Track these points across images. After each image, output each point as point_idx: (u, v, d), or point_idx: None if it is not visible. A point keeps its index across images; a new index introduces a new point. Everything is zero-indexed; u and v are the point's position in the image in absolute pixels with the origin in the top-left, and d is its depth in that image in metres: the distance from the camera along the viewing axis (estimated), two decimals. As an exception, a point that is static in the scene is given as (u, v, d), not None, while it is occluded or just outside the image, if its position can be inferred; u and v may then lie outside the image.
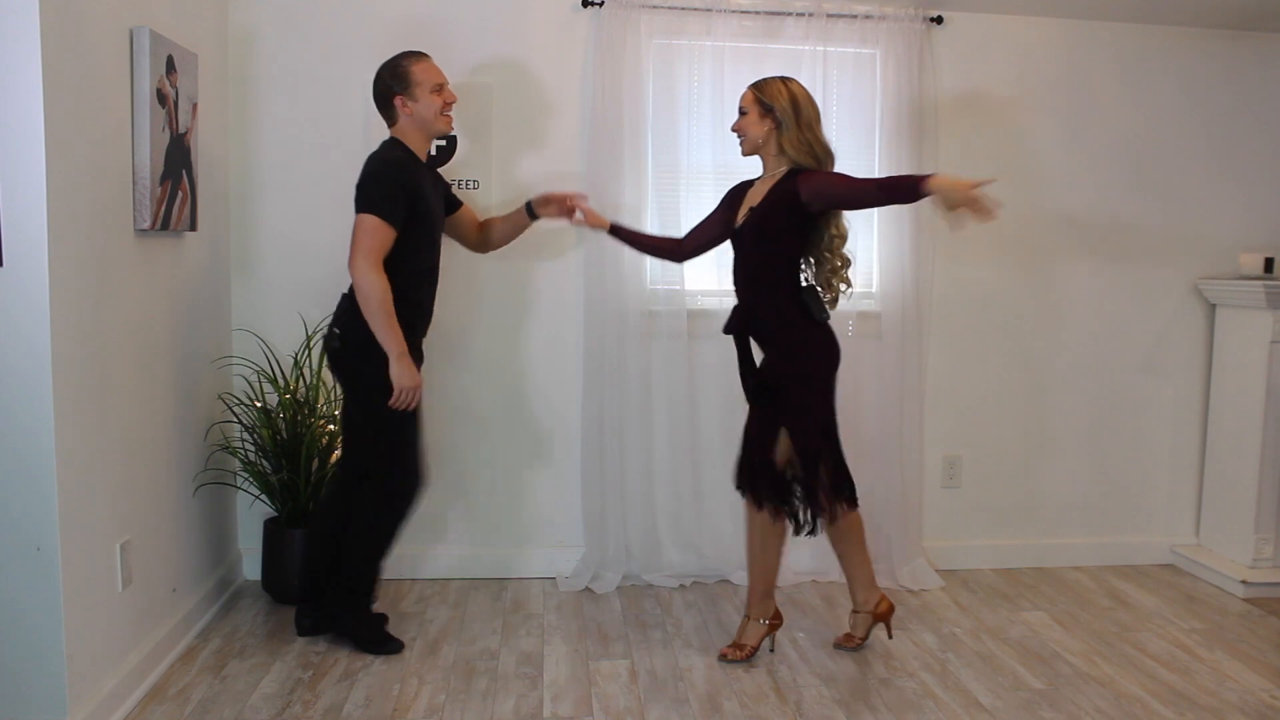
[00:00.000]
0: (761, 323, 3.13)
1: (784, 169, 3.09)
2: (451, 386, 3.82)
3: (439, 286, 3.26)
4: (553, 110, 3.79)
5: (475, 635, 3.35)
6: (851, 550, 3.23)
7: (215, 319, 3.58)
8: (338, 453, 3.58)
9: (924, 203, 3.89)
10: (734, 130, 3.18)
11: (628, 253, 3.71)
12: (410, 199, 3.02)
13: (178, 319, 3.20)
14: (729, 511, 3.86)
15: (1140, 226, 4.16)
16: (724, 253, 3.42)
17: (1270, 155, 4.20)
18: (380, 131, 3.48)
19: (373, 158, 3.10)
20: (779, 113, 3.05)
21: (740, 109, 3.14)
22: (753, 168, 3.24)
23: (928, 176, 2.89)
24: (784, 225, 3.06)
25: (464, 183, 3.75)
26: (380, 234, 2.97)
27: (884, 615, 3.29)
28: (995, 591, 3.89)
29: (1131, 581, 4.05)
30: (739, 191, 3.27)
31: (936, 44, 3.93)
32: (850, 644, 3.29)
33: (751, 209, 3.12)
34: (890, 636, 3.33)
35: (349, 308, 3.07)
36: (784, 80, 3.11)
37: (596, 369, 3.79)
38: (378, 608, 3.32)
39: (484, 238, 3.50)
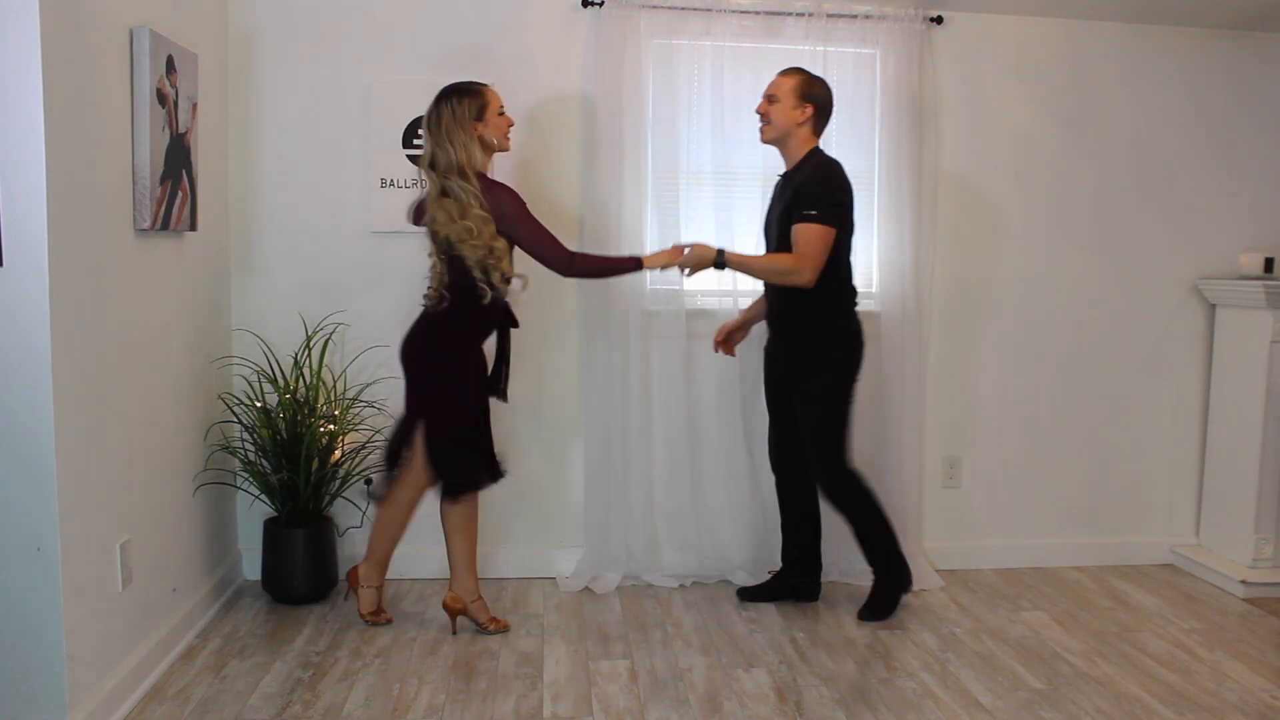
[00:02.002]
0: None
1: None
2: (451, 386, 3.82)
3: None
4: (553, 110, 3.79)
5: (475, 635, 3.35)
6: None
7: (215, 319, 3.58)
8: (338, 453, 3.59)
9: (927, 203, 3.92)
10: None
11: (627, 252, 3.70)
12: None
13: (178, 319, 3.20)
14: (729, 512, 3.87)
15: (1140, 226, 4.16)
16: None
17: (1270, 155, 4.20)
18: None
19: None
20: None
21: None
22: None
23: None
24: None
25: (464, 183, 3.75)
26: None
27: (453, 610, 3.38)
28: (995, 591, 3.89)
29: (1131, 581, 4.05)
30: None
31: (936, 44, 3.93)
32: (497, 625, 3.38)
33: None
34: (455, 632, 3.36)
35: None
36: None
37: (596, 369, 3.79)
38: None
39: None
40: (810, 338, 3.43)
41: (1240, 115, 4.17)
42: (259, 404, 3.54)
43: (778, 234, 3.39)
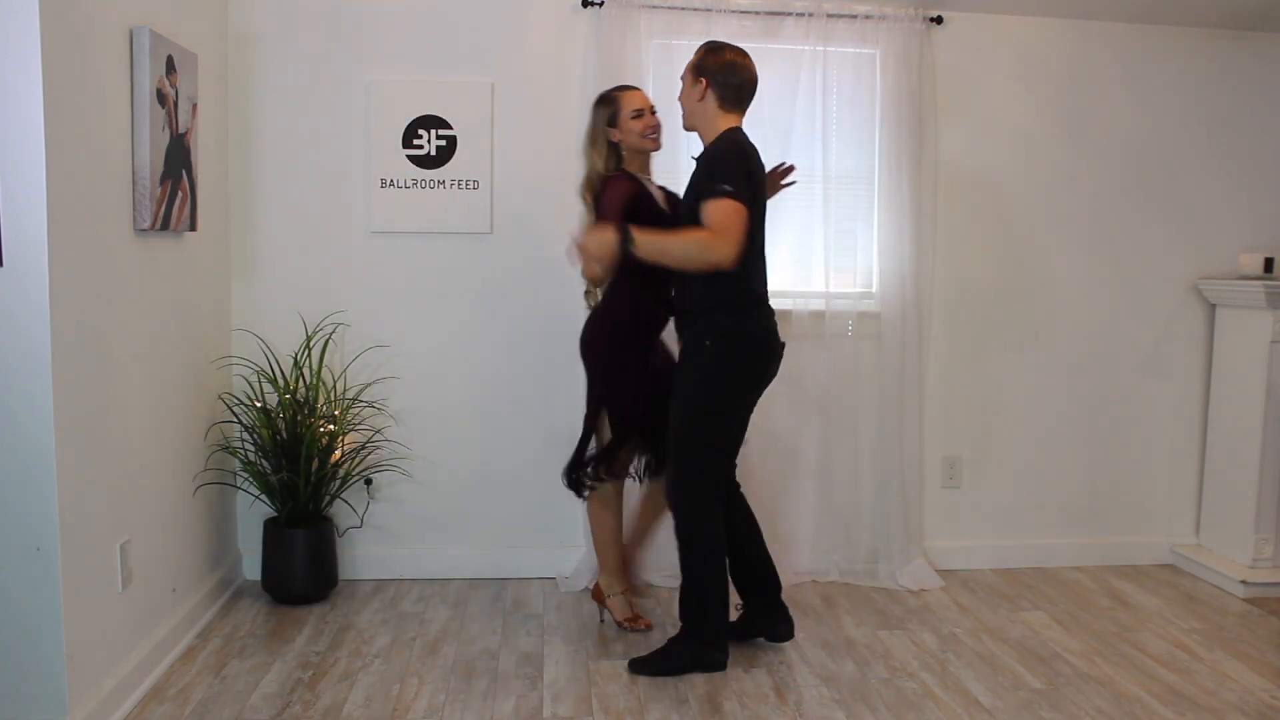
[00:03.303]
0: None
1: None
2: (451, 386, 3.83)
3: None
4: (553, 110, 3.79)
5: (475, 635, 3.35)
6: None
7: (215, 319, 3.58)
8: (338, 453, 3.59)
9: (927, 203, 3.92)
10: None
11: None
12: None
13: (178, 319, 3.20)
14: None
15: (1140, 226, 4.16)
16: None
17: (1270, 155, 4.20)
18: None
19: None
20: None
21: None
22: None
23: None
24: None
25: (463, 183, 3.76)
26: None
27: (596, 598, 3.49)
28: (995, 591, 3.89)
29: (1131, 581, 4.05)
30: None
31: (936, 44, 3.93)
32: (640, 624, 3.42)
33: None
34: (600, 621, 3.49)
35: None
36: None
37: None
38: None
39: None
40: (689, 330, 3.05)
41: (1240, 116, 4.17)
42: (259, 404, 3.54)
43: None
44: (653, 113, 3.29)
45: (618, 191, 3.18)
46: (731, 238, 2.83)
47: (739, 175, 2.88)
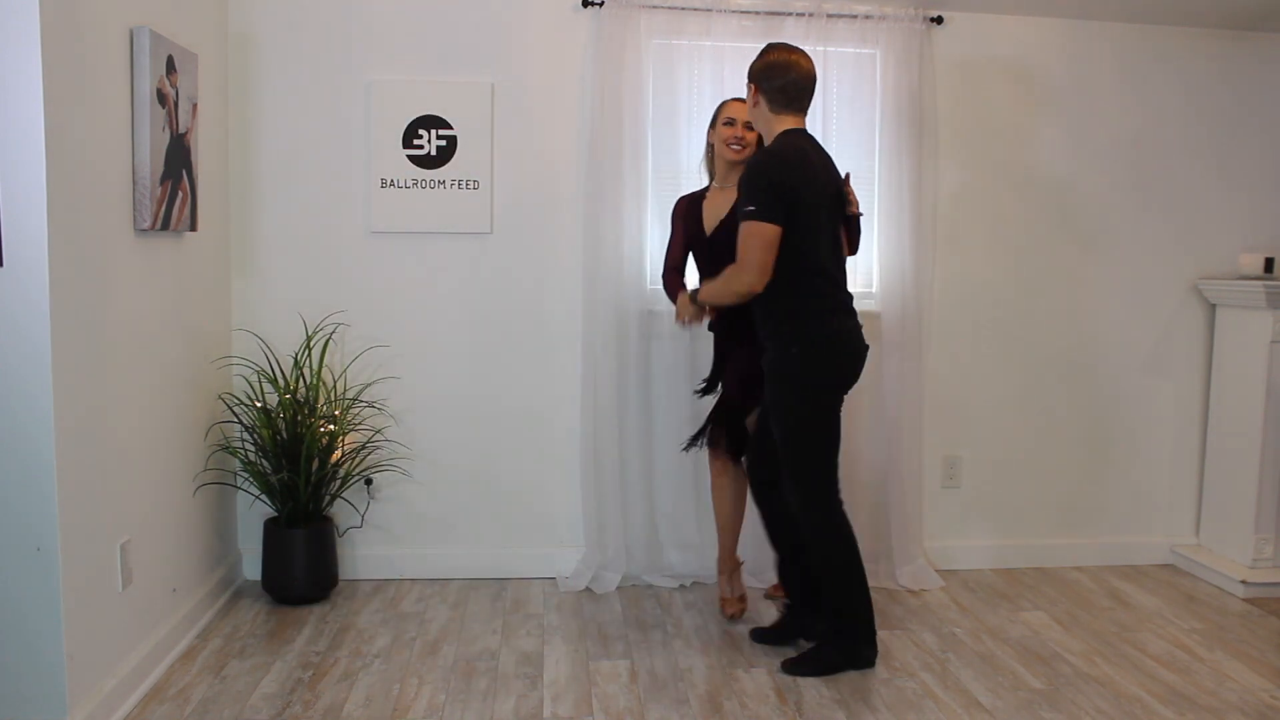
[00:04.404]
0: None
1: None
2: (451, 386, 3.83)
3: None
4: (553, 110, 3.79)
5: (475, 635, 3.35)
6: None
7: (215, 319, 3.58)
8: (338, 453, 3.59)
9: (927, 203, 3.93)
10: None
11: (628, 252, 3.72)
12: None
13: (178, 319, 3.20)
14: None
15: (1140, 226, 4.16)
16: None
17: (1270, 155, 4.20)
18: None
19: None
20: None
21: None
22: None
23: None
24: None
25: (463, 183, 3.76)
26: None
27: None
28: (995, 591, 3.89)
29: (1131, 581, 4.05)
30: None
31: (936, 44, 3.93)
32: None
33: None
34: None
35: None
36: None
37: (596, 369, 3.79)
38: None
39: None
40: (769, 342, 3.06)
41: (1240, 115, 4.17)
42: (259, 404, 3.54)
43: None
44: (747, 128, 3.31)
45: (673, 218, 3.58)
46: (748, 262, 2.89)
47: (766, 191, 2.88)
